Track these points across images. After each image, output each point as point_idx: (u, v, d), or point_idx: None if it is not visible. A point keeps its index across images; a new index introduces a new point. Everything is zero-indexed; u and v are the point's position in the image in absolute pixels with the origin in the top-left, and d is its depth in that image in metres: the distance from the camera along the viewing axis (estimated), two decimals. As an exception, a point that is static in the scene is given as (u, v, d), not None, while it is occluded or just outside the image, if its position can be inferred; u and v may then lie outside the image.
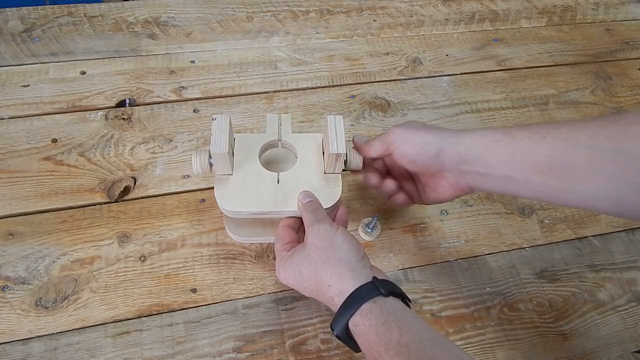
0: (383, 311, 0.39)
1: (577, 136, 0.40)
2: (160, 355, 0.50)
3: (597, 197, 0.40)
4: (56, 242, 0.55)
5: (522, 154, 0.43)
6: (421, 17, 0.83)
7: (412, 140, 0.46)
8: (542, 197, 0.44)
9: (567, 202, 0.43)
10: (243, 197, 0.49)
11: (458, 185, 0.47)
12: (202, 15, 0.78)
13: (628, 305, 0.58)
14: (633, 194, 0.38)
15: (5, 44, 0.70)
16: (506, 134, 0.44)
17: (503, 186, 0.45)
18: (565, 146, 0.40)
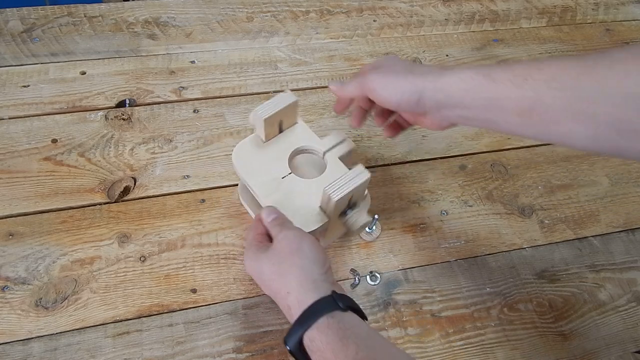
0: (341, 327, 0.38)
1: (561, 77, 0.40)
2: (160, 355, 0.50)
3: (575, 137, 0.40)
4: (56, 242, 0.55)
5: (503, 98, 0.42)
6: (421, 18, 0.83)
7: (391, 88, 0.45)
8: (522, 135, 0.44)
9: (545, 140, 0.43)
10: (251, 164, 0.51)
11: (441, 123, 0.47)
12: (202, 15, 0.78)
13: (628, 306, 0.58)
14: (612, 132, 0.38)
15: (6, 44, 0.70)
16: (486, 77, 0.43)
17: (483, 124, 0.45)
18: (547, 88, 0.40)
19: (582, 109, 0.39)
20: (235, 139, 0.65)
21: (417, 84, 0.44)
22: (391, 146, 0.67)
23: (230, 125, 0.66)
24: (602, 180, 0.68)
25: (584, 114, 0.39)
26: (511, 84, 0.41)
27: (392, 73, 0.46)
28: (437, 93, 0.44)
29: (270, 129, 0.52)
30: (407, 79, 0.45)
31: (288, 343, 0.39)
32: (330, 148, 0.53)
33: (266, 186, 0.51)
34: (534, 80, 0.41)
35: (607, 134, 0.38)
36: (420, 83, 0.44)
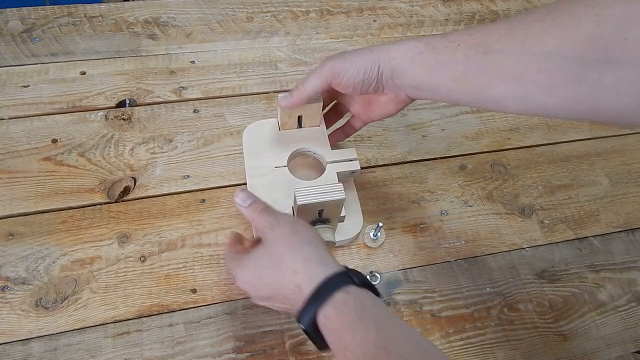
0: (358, 304, 0.35)
1: (487, 41, 0.41)
2: (160, 355, 0.50)
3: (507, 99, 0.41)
4: (56, 242, 0.55)
5: (441, 65, 0.43)
6: (421, 18, 0.83)
7: (351, 65, 0.46)
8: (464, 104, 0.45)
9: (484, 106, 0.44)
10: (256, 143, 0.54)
11: (398, 98, 0.48)
12: (202, 15, 0.78)
13: (628, 306, 0.58)
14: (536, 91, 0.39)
15: (5, 44, 0.70)
16: (427, 45, 0.44)
17: (432, 96, 0.46)
18: (476, 52, 0.41)
19: (508, 71, 0.40)
20: (235, 139, 0.65)
21: (373, 57, 0.46)
22: (391, 146, 0.67)
23: (230, 125, 0.66)
24: (602, 180, 0.68)
25: (510, 76, 0.40)
26: (446, 49, 0.43)
27: (349, 54, 0.47)
28: (390, 62, 0.46)
29: (286, 119, 0.53)
30: (364, 54, 0.46)
31: (302, 321, 0.37)
32: (334, 160, 0.53)
33: (257, 169, 0.52)
34: (466, 46, 0.42)
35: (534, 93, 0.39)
36: (375, 55, 0.46)
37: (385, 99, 0.49)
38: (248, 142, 0.55)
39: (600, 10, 0.35)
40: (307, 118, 0.54)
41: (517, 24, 0.40)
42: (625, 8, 0.34)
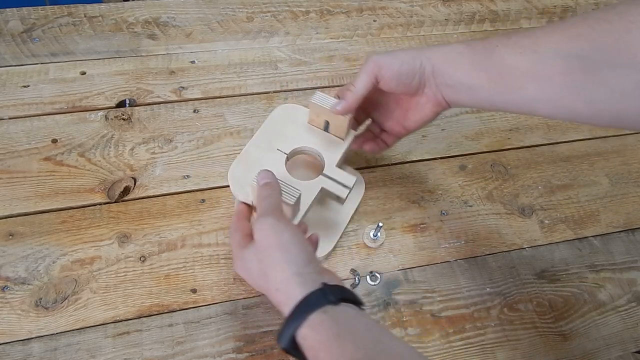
0: (334, 323, 0.36)
1: (523, 42, 0.42)
2: (160, 355, 0.50)
3: (538, 100, 0.42)
4: (56, 242, 0.55)
5: (478, 63, 0.45)
6: (421, 18, 0.83)
7: (397, 62, 0.47)
8: (497, 106, 0.46)
9: (516, 109, 0.45)
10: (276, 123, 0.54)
11: (436, 98, 0.48)
12: (202, 15, 0.78)
13: (628, 306, 0.58)
14: (566, 93, 0.40)
15: (6, 45, 0.70)
16: (467, 46, 0.46)
17: (467, 98, 0.47)
18: (512, 53, 0.43)
19: (541, 73, 0.41)
20: (235, 139, 0.65)
21: (415, 53, 0.47)
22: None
23: (230, 125, 0.66)
24: (602, 180, 0.68)
25: (542, 77, 0.41)
26: (485, 50, 0.45)
27: (392, 51, 0.48)
28: (431, 59, 0.47)
29: (313, 116, 0.53)
30: (406, 50, 0.48)
31: (281, 341, 0.38)
32: (328, 177, 0.51)
33: (259, 145, 0.52)
34: (503, 46, 0.43)
35: (564, 96, 0.41)
36: (417, 52, 0.47)
37: (423, 100, 0.49)
38: (273, 117, 0.54)
39: (632, 17, 0.37)
40: (333, 126, 0.52)
41: (553, 28, 0.42)
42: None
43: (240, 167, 0.51)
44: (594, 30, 0.39)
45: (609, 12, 0.39)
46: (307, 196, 0.49)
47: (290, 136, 0.53)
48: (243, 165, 0.51)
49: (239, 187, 0.49)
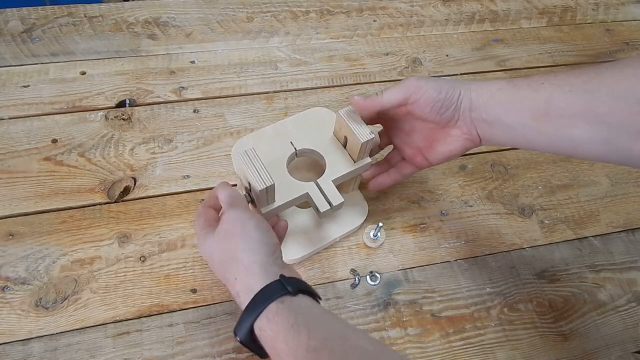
0: (291, 312, 0.36)
1: (573, 81, 0.41)
2: (160, 355, 0.50)
3: (588, 141, 0.41)
4: (56, 242, 0.55)
5: (521, 100, 0.43)
6: (421, 18, 0.83)
7: (436, 87, 0.46)
8: (538, 145, 0.45)
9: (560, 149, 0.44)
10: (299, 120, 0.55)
11: (470, 133, 0.47)
12: (202, 15, 0.78)
13: (628, 306, 0.58)
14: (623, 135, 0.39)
15: (6, 45, 0.70)
16: (509, 83, 0.45)
17: (504, 136, 0.45)
18: (560, 92, 0.41)
19: (594, 112, 0.40)
20: (235, 139, 0.65)
21: (455, 84, 0.46)
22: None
23: (230, 125, 0.66)
24: (602, 180, 0.68)
25: (596, 117, 0.40)
26: (529, 87, 0.43)
27: (432, 78, 0.47)
28: (471, 92, 0.46)
29: (337, 128, 0.52)
30: (447, 79, 0.47)
31: (238, 334, 0.38)
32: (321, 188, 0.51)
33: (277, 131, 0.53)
34: (550, 84, 0.42)
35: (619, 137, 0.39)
36: (457, 84, 0.46)
37: (456, 132, 0.47)
38: (307, 114, 0.55)
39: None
40: (350, 145, 0.52)
41: (605, 69, 0.40)
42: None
43: (249, 142, 0.53)
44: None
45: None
46: (288, 193, 0.49)
47: (309, 136, 0.53)
48: (252, 141, 0.53)
49: None
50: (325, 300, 0.55)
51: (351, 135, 0.49)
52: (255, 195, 0.46)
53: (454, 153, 0.49)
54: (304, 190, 0.50)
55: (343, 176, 0.52)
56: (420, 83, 0.46)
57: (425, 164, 0.51)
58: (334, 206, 0.50)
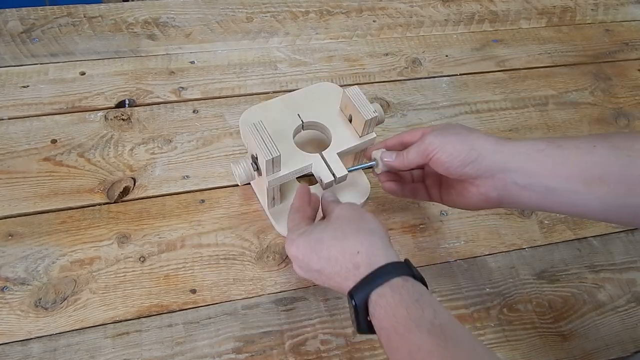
0: (415, 291, 0.36)
1: (631, 145, 0.39)
2: (159, 355, 0.50)
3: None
4: (56, 242, 0.55)
5: (571, 162, 0.40)
6: (421, 18, 0.83)
7: (450, 148, 0.43)
8: (586, 212, 0.41)
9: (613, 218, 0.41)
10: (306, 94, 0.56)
11: (487, 195, 0.44)
12: (202, 16, 0.78)
13: (628, 306, 0.58)
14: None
15: (5, 45, 0.70)
16: (550, 144, 0.41)
17: (541, 200, 0.42)
18: (618, 155, 0.38)
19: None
20: (235, 139, 0.65)
21: (478, 143, 0.43)
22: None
23: (230, 126, 0.66)
24: (602, 180, 0.68)
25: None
26: (578, 149, 0.40)
27: (453, 134, 0.44)
28: (497, 154, 0.42)
29: (342, 106, 0.54)
30: (468, 139, 0.43)
31: (355, 297, 0.37)
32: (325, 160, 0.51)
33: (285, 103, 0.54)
34: (602, 147, 0.39)
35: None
36: (481, 142, 0.43)
37: (473, 190, 0.45)
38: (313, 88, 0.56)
39: None
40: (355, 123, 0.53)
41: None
42: None
43: (257, 113, 0.54)
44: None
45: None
46: (293, 163, 0.50)
47: (316, 110, 0.54)
48: (260, 112, 0.54)
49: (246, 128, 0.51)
50: (325, 301, 0.55)
51: (356, 113, 0.51)
52: (261, 164, 0.48)
53: (466, 207, 0.48)
54: (309, 161, 0.51)
55: (348, 149, 0.53)
56: (436, 142, 0.44)
57: (438, 200, 0.51)
58: (338, 178, 0.51)
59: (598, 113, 0.75)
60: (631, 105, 0.77)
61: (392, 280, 0.36)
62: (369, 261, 0.38)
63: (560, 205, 0.42)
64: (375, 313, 0.37)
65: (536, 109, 0.74)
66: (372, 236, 0.40)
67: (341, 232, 0.41)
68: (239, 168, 0.50)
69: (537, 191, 0.41)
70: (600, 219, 0.42)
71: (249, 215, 0.59)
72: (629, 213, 0.39)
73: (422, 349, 0.33)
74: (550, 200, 0.42)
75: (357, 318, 0.38)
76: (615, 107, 0.77)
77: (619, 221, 0.42)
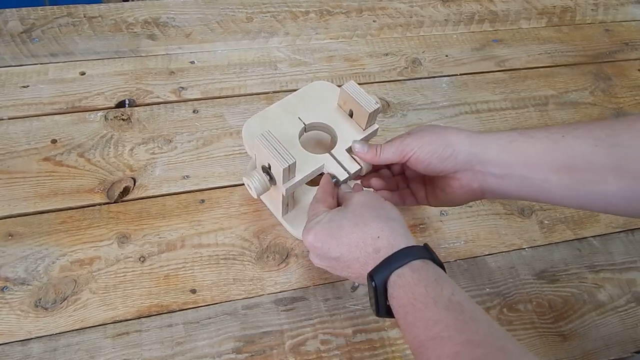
0: (435, 271, 0.37)
1: (598, 134, 0.39)
2: (159, 355, 0.50)
3: (620, 197, 0.39)
4: (56, 242, 0.55)
5: (540, 152, 0.41)
6: (421, 18, 0.83)
7: (426, 147, 0.44)
8: (560, 200, 0.42)
9: (587, 205, 0.42)
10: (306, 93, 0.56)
11: (469, 187, 0.45)
12: (202, 16, 0.78)
13: (628, 306, 0.58)
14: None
15: (5, 45, 0.70)
16: (522, 134, 0.43)
17: (518, 189, 0.43)
18: (585, 145, 0.39)
19: (625, 167, 0.38)
20: (235, 139, 0.65)
21: (452, 140, 0.44)
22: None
23: (230, 126, 0.66)
24: (602, 180, 0.68)
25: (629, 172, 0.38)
26: (548, 139, 0.41)
27: (428, 135, 0.45)
28: (472, 147, 0.43)
29: (341, 102, 0.54)
30: (443, 136, 0.44)
31: (375, 278, 0.38)
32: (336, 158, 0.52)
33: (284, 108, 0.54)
34: (572, 137, 0.40)
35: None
36: (455, 138, 0.44)
37: (455, 184, 0.46)
38: (307, 89, 0.56)
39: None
40: (356, 117, 0.53)
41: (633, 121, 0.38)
42: None
43: (258, 122, 0.53)
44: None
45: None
46: (306, 167, 0.50)
47: (315, 110, 0.54)
48: (261, 121, 0.53)
49: (251, 139, 0.51)
50: (325, 301, 0.55)
51: (358, 107, 0.51)
52: (276, 173, 0.48)
53: (453, 203, 0.48)
54: (320, 162, 0.51)
55: None
56: (413, 144, 0.45)
57: (425, 202, 0.51)
58: (352, 173, 0.51)
59: (598, 113, 0.75)
60: (631, 105, 0.77)
61: (412, 262, 0.37)
62: (390, 245, 0.39)
63: (537, 194, 0.43)
64: (394, 293, 0.37)
65: (536, 109, 0.74)
66: (392, 222, 0.41)
67: (361, 218, 0.41)
68: (254, 181, 0.49)
69: (513, 181, 0.43)
70: (575, 207, 0.44)
71: (249, 215, 0.59)
72: (603, 200, 0.40)
73: (439, 323, 0.34)
74: (526, 189, 0.43)
75: (376, 301, 0.39)
76: (615, 107, 0.77)
77: (592, 208, 0.42)
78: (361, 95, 0.51)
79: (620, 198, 0.39)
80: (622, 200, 0.39)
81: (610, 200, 0.40)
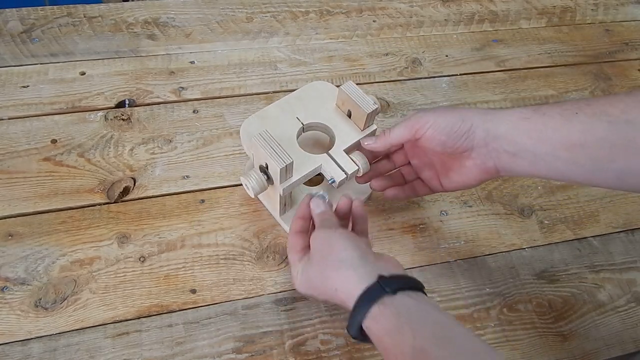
0: (393, 313, 0.37)
1: (611, 111, 0.39)
2: (159, 356, 0.50)
3: (630, 174, 0.39)
4: (56, 242, 0.55)
5: (552, 130, 0.41)
6: (421, 18, 0.83)
7: (442, 121, 0.44)
8: (571, 177, 0.42)
9: (598, 182, 0.41)
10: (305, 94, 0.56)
11: (484, 165, 0.45)
12: (202, 16, 0.78)
13: (628, 306, 0.58)
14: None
15: (5, 45, 0.70)
16: (536, 111, 0.42)
17: (530, 167, 0.43)
18: (598, 122, 0.39)
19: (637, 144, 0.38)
20: (235, 139, 0.65)
21: (468, 115, 0.44)
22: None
23: (230, 126, 0.66)
24: (602, 180, 0.68)
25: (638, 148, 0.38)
26: (561, 117, 0.41)
27: (441, 110, 0.45)
28: (486, 122, 0.43)
29: (339, 102, 0.54)
30: (456, 111, 0.44)
31: (350, 333, 0.39)
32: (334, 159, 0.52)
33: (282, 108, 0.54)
34: (585, 114, 0.40)
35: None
36: (470, 114, 0.44)
37: (469, 164, 0.45)
38: (306, 89, 0.56)
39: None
40: (355, 117, 0.53)
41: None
42: None
43: (256, 122, 0.53)
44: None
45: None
46: (303, 167, 0.50)
47: (313, 110, 0.55)
48: (259, 121, 0.54)
49: (249, 139, 0.51)
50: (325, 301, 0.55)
51: (356, 108, 0.51)
52: (273, 173, 0.48)
53: (468, 184, 0.48)
54: (318, 163, 0.51)
55: (353, 144, 0.53)
56: (427, 117, 0.44)
57: (440, 189, 0.51)
58: (350, 174, 0.51)
59: (598, 113, 0.75)
60: (631, 105, 0.77)
61: (370, 310, 0.37)
62: (348, 295, 0.39)
63: (548, 172, 0.43)
64: (373, 341, 0.38)
65: (536, 109, 0.74)
66: (341, 268, 0.41)
67: (319, 269, 0.42)
68: (251, 181, 0.49)
69: (526, 158, 0.43)
70: (586, 184, 0.43)
71: (249, 215, 0.59)
72: (615, 177, 0.40)
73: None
74: (537, 167, 0.43)
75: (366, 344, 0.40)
76: (615, 107, 0.76)
77: (605, 185, 0.42)
78: (359, 95, 0.51)
79: (630, 174, 0.39)
80: (632, 177, 0.39)
81: (624, 178, 0.40)
